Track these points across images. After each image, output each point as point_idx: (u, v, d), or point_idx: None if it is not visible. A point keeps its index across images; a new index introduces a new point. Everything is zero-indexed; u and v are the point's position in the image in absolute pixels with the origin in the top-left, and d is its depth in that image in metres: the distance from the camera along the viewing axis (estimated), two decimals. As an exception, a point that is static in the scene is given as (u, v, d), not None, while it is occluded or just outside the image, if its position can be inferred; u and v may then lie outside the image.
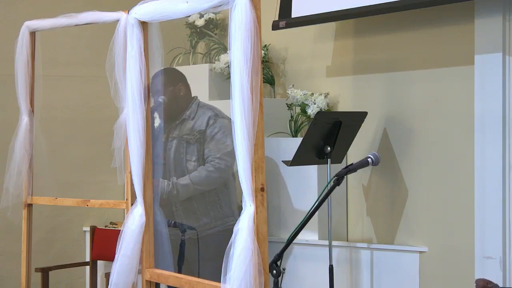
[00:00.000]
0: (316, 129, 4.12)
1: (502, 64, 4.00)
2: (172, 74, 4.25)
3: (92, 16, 3.59)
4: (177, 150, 4.16)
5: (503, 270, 3.97)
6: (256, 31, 2.53)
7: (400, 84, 4.46)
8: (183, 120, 4.20)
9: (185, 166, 4.13)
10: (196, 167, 4.11)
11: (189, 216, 4.12)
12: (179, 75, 4.28)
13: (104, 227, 5.39)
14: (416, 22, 4.37)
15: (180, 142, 4.16)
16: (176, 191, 4.04)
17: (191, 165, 4.12)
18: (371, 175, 4.55)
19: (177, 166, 4.15)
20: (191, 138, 4.14)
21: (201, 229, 4.08)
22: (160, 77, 4.19)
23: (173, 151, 4.17)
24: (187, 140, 4.15)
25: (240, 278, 2.50)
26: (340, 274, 4.38)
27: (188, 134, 4.15)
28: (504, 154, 4.00)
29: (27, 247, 3.98)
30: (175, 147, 4.17)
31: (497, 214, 3.99)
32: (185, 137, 4.15)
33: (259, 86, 2.55)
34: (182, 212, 4.14)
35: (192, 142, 4.13)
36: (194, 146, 4.13)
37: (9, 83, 4.13)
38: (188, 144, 4.14)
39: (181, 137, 4.16)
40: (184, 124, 4.19)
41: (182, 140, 4.15)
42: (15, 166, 3.95)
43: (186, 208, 4.14)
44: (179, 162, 4.14)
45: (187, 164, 4.13)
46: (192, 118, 4.18)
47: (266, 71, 5.04)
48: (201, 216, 4.14)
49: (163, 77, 4.18)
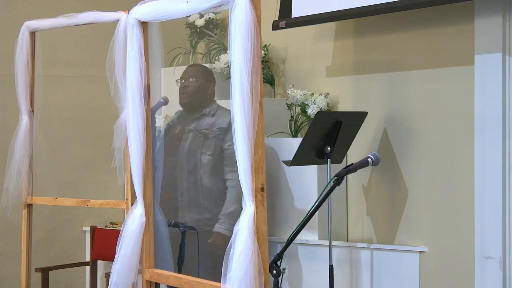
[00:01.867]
0: (316, 129, 4.12)
1: (502, 64, 4.00)
2: (208, 71, 4.44)
3: (92, 16, 3.59)
4: (193, 142, 4.21)
5: (503, 270, 3.97)
6: (256, 31, 2.53)
7: (400, 84, 4.45)
8: (202, 115, 4.26)
9: (199, 159, 4.18)
10: (211, 162, 4.15)
11: (192, 209, 4.15)
12: (213, 75, 4.46)
13: (104, 227, 5.39)
14: (416, 22, 4.37)
15: (197, 136, 4.22)
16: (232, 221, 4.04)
17: (205, 159, 4.17)
18: (371, 175, 4.55)
19: (190, 158, 4.19)
20: (209, 133, 4.19)
21: (201, 223, 4.11)
22: (198, 67, 4.34)
23: (189, 143, 4.22)
24: (205, 134, 4.20)
25: (240, 278, 2.51)
26: (340, 274, 4.38)
27: (207, 128, 4.21)
28: (504, 154, 3.99)
29: (27, 247, 3.98)
30: (191, 139, 4.22)
31: (497, 214, 3.99)
32: (204, 131, 4.21)
33: (259, 86, 2.55)
34: (187, 203, 4.16)
35: (211, 136, 4.18)
36: (211, 141, 4.18)
37: (9, 83, 4.13)
38: (206, 138, 4.19)
39: (199, 130, 4.22)
40: (203, 119, 4.25)
41: (200, 134, 4.21)
42: (15, 166, 3.95)
43: (191, 200, 4.16)
44: (193, 154, 4.19)
45: (202, 157, 4.18)
46: (212, 115, 4.25)
47: (266, 71, 5.03)
48: (204, 211, 4.16)
49: (200, 68, 4.40)
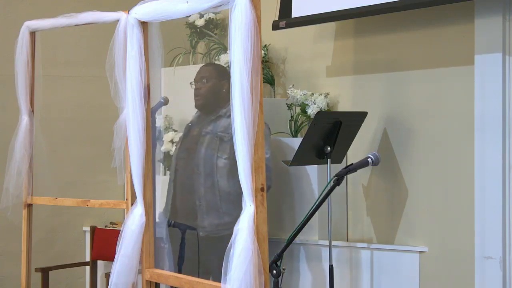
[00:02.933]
0: (316, 129, 4.11)
1: (502, 64, 4.00)
2: (220, 69, 4.32)
3: (92, 16, 3.59)
4: (209, 145, 4.14)
5: (503, 270, 3.97)
6: (256, 31, 2.53)
7: (400, 84, 4.45)
8: (218, 116, 4.19)
9: (215, 163, 4.11)
10: (227, 165, 4.07)
11: (210, 213, 4.10)
12: (226, 72, 4.27)
13: (104, 227, 5.39)
14: (416, 22, 4.37)
15: (213, 138, 4.14)
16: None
17: (222, 162, 4.09)
18: (371, 175, 4.55)
19: (206, 162, 4.12)
20: (225, 136, 4.10)
21: (221, 227, 4.05)
22: (210, 66, 4.26)
23: (205, 147, 4.15)
24: (221, 137, 4.12)
25: (240, 278, 2.50)
26: (340, 274, 4.38)
27: (222, 131, 4.12)
28: (504, 154, 4.00)
29: (27, 247, 3.98)
30: (208, 142, 4.15)
31: (497, 214, 3.99)
32: (220, 134, 4.13)
33: (259, 86, 2.55)
34: (205, 207, 4.11)
35: (226, 139, 4.09)
36: (227, 144, 4.08)
37: (9, 83, 4.13)
38: (221, 141, 4.12)
39: (215, 133, 4.14)
40: (219, 121, 4.17)
41: (216, 136, 4.13)
42: (15, 166, 3.95)
43: (210, 204, 4.11)
44: (210, 157, 4.11)
45: (218, 161, 4.10)
46: (228, 116, 4.10)
47: (266, 71, 5.03)
48: (223, 215, 4.09)
49: (212, 67, 4.30)
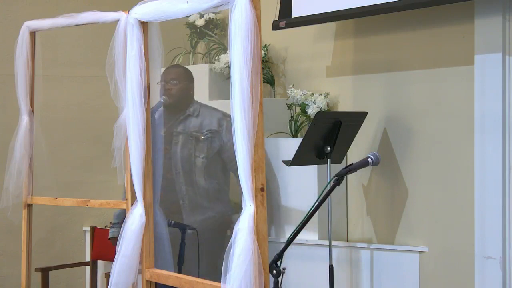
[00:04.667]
0: (316, 129, 4.11)
1: (502, 64, 4.00)
2: (188, 72, 4.39)
3: (92, 16, 3.59)
4: (184, 145, 4.23)
5: (503, 270, 3.97)
6: (256, 31, 2.53)
7: (400, 84, 4.45)
8: (187, 116, 4.27)
9: (193, 162, 4.22)
10: (205, 163, 4.20)
11: (195, 210, 4.19)
12: (192, 75, 4.42)
13: (104, 227, 5.39)
14: (416, 22, 4.37)
15: (188, 138, 4.23)
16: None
17: (199, 161, 4.21)
18: (371, 175, 4.55)
19: (184, 161, 4.21)
20: (200, 136, 4.22)
21: (206, 222, 4.17)
22: (179, 68, 4.32)
23: (180, 146, 4.23)
24: (196, 137, 4.23)
25: (240, 278, 2.50)
26: (340, 274, 4.38)
27: (196, 131, 4.24)
28: (504, 154, 3.99)
29: (27, 247, 3.97)
30: (183, 142, 4.24)
31: (497, 214, 3.99)
32: (194, 134, 4.23)
33: (259, 86, 2.55)
34: (188, 205, 4.19)
35: (202, 139, 4.22)
36: (203, 144, 4.22)
37: (9, 83, 4.13)
38: (197, 141, 4.23)
39: (190, 133, 4.24)
40: (189, 120, 4.27)
41: (191, 136, 4.23)
42: (15, 166, 3.94)
43: (193, 202, 4.20)
44: (187, 157, 4.21)
45: (196, 160, 4.22)
46: (196, 115, 4.27)
47: (266, 71, 5.03)
48: (206, 210, 4.22)
49: (182, 69, 4.38)
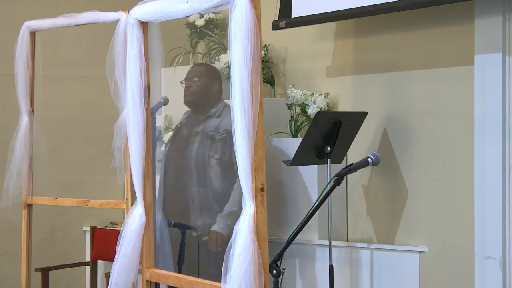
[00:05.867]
0: (316, 129, 4.11)
1: (502, 64, 4.00)
2: (212, 69, 4.38)
3: (92, 16, 3.59)
4: (200, 145, 4.20)
5: (503, 270, 3.97)
6: (256, 31, 2.53)
7: (400, 84, 4.45)
8: (208, 116, 4.25)
9: (207, 162, 4.17)
10: (219, 165, 4.14)
11: (204, 212, 4.14)
12: (218, 73, 4.40)
13: (104, 227, 5.39)
14: (416, 22, 4.37)
15: (204, 138, 4.20)
16: (230, 222, 4.04)
17: (213, 162, 4.16)
18: (371, 175, 4.55)
19: (198, 161, 4.18)
20: (216, 135, 4.17)
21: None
22: (202, 66, 4.30)
23: (197, 146, 4.21)
24: (212, 136, 4.18)
25: (240, 278, 2.51)
26: (340, 274, 4.38)
27: (213, 131, 4.19)
28: (504, 154, 3.99)
29: (27, 247, 3.98)
30: (199, 142, 4.21)
31: (497, 214, 3.99)
32: (210, 133, 4.19)
33: (259, 86, 2.55)
34: (198, 207, 4.15)
35: (217, 139, 4.16)
36: (218, 144, 4.16)
37: (9, 83, 4.14)
38: (212, 140, 4.18)
39: (206, 133, 4.20)
40: (209, 121, 4.24)
41: (207, 136, 4.20)
42: (15, 166, 3.95)
43: (203, 203, 4.16)
44: (202, 157, 4.18)
45: (210, 160, 4.17)
46: (218, 115, 4.23)
47: (266, 71, 5.03)
48: (216, 214, 4.13)
49: (204, 67, 4.37)
